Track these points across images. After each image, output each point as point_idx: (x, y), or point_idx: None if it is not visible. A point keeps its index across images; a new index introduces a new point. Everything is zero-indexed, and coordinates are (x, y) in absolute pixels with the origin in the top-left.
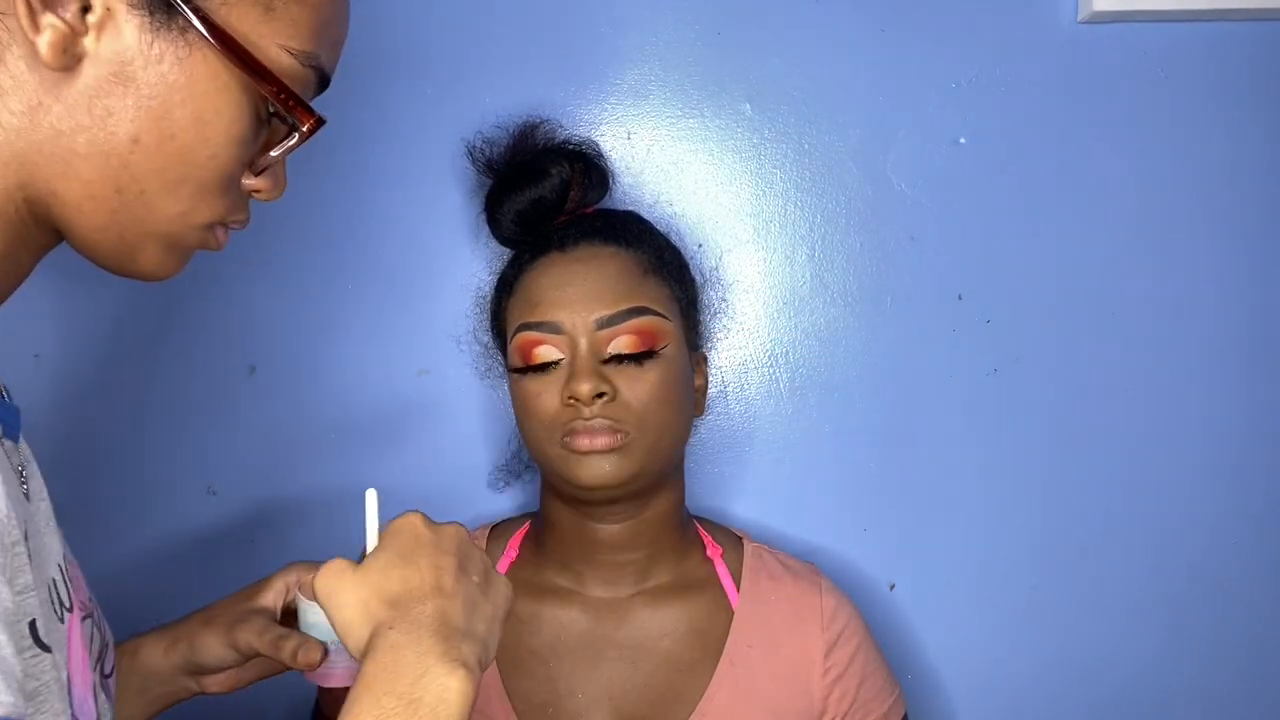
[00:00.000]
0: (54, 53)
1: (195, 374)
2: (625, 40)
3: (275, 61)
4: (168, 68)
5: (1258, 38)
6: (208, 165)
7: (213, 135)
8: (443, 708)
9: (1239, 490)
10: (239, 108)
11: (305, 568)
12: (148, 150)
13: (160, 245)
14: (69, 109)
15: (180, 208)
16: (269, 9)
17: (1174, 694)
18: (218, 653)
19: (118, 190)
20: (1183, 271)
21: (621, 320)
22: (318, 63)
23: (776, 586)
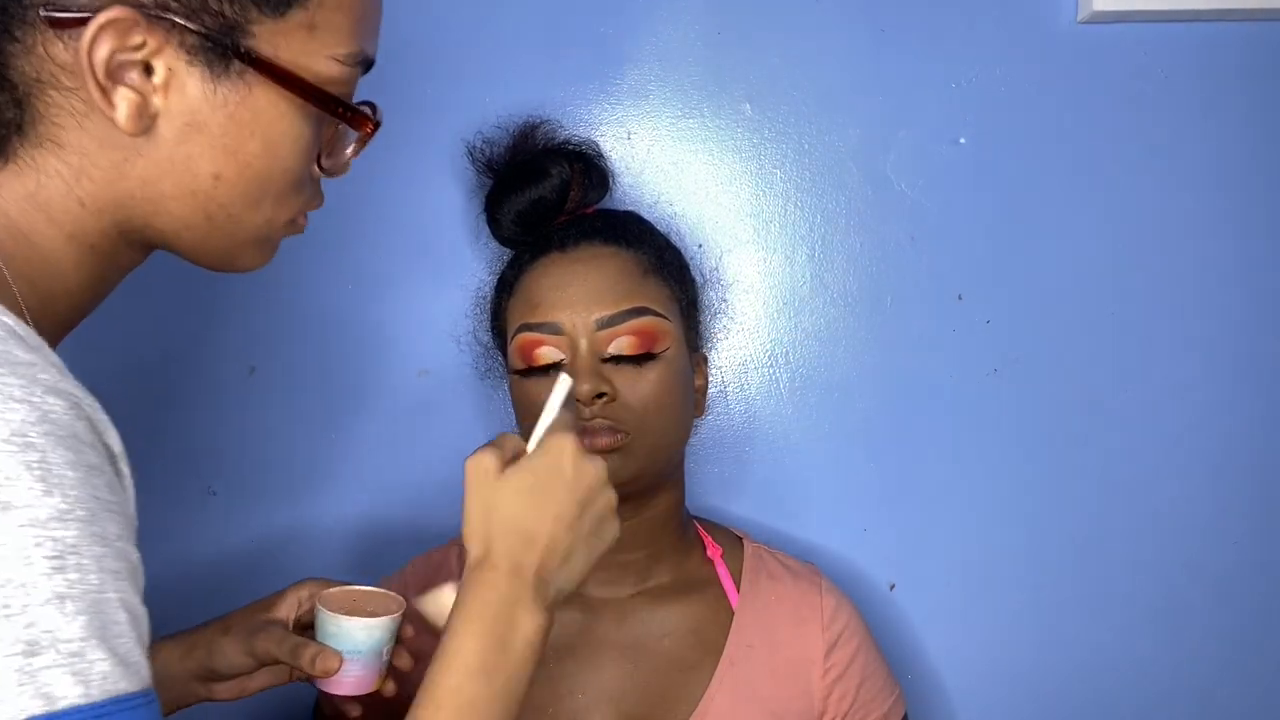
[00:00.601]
0: (131, 122)
1: (195, 374)
2: (625, 40)
3: (326, 73)
4: (233, 108)
5: (1257, 38)
6: (283, 178)
7: (284, 154)
8: (527, 650)
9: (1238, 490)
10: (302, 124)
11: (317, 583)
12: (229, 182)
13: (253, 247)
14: (152, 161)
15: (265, 216)
16: (312, 28)
17: (1173, 693)
18: (235, 659)
19: (208, 218)
20: (1182, 271)
21: (622, 321)
22: (363, 58)
23: (776, 587)
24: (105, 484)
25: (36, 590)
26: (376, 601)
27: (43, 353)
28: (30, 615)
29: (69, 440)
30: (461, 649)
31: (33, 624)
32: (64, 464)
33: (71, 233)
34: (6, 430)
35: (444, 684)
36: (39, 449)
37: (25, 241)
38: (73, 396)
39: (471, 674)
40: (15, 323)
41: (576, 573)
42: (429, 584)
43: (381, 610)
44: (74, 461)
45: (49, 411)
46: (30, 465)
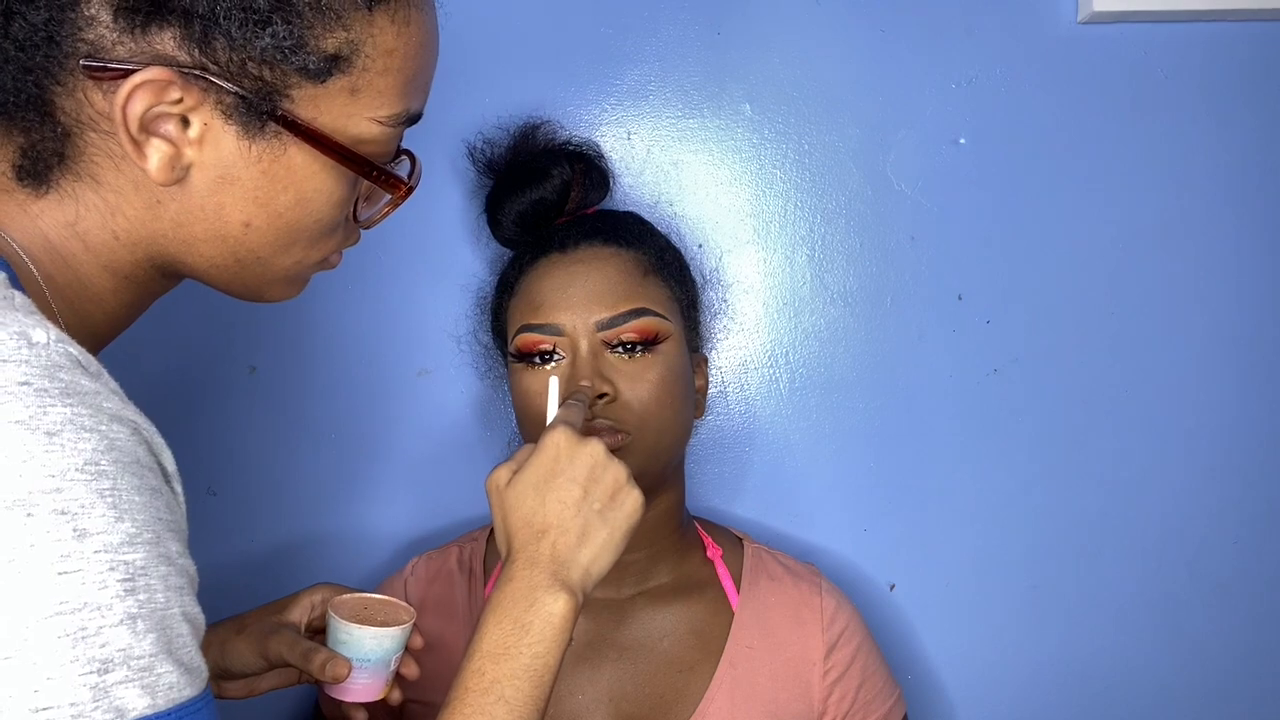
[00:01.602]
0: (162, 173)
1: (195, 374)
2: (625, 40)
3: (366, 133)
4: (267, 164)
5: (1257, 38)
6: (315, 228)
7: (315, 208)
8: (548, 629)
9: (1238, 490)
10: (336, 181)
11: (330, 588)
12: (260, 230)
13: (282, 284)
14: (184, 207)
15: (294, 259)
16: (354, 91)
17: (1173, 693)
18: (247, 660)
19: (237, 260)
20: (1182, 271)
21: (622, 322)
22: (408, 117)
23: (776, 587)
24: (165, 504)
25: (111, 612)
26: (387, 610)
27: (103, 379)
28: (105, 635)
29: (134, 466)
30: (483, 636)
31: (107, 644)
32: (131, 490)
33: (107, 263)
34: (80, 460)
35: (467, 669)
36: (110, 476)
37: (64, 266)
38: (133, 423)
39: (493, 656)
40: (79, 351)
41: (600, 548)
42: (430, 585)
43: (392, 619)
44: (139, 486)
45: (115, 439)
46: (103, 493)
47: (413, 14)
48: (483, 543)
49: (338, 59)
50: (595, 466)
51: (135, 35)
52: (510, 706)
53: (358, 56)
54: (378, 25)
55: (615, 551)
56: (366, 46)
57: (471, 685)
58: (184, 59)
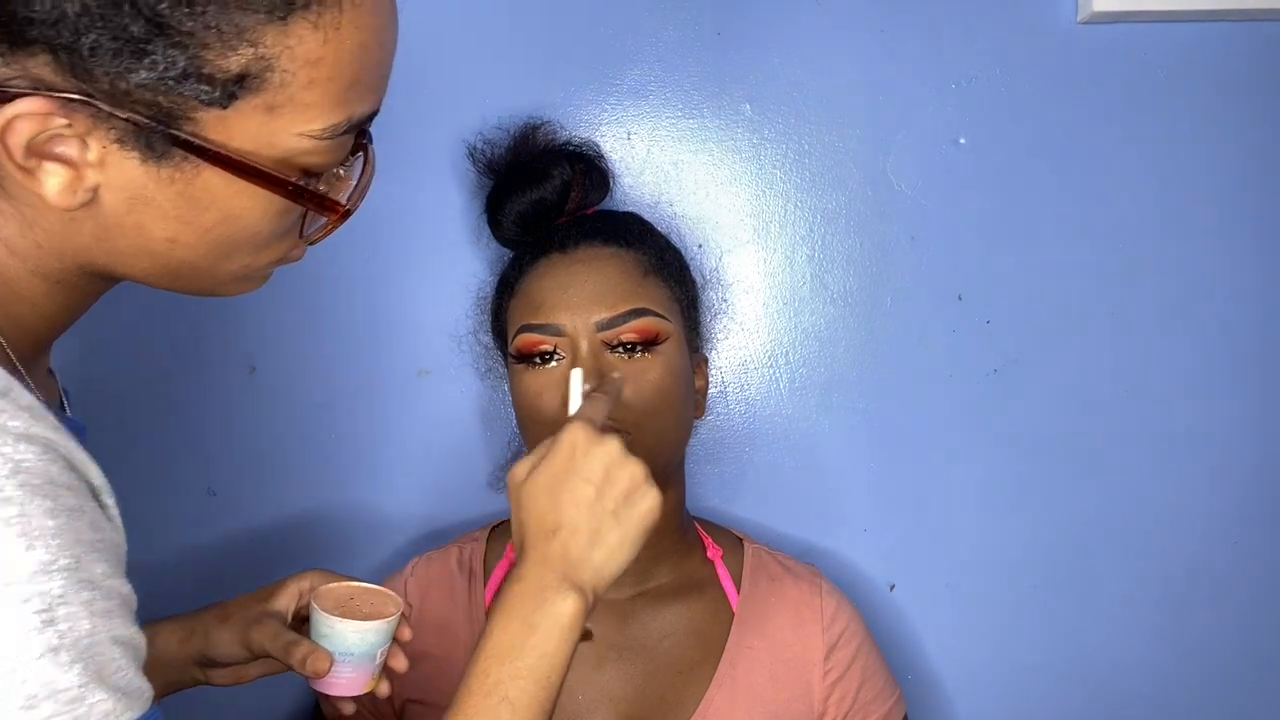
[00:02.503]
0: (63, 197)
1: (195, 374)
2: (625, 40)
3: (297, 148)
4: (182, 186)
5: (1257, 38)
6: (253, 240)
7: (248, 223)
8: (555, 629)
9: (1238, 490)
10: (266, 199)
11: (319, 575)
12: (189, 245)
13: (234, 284)
14: (101, 225)
15: (240, 264)
16: (272, 109)
17: (1173, 694)
18: (230, 649)
19: (171, 271)
20: (1182, 271)
21: (622, 322)
22: (347, 127)
23: (777, 588)
24: (88, 524)
25: (29, 647)
26: (374, 600)
27: (12, 395)
28: (24, 672)
29: (45, 488)
30: (490, 635)
31: (28, 680)
32: (43, 514)
33: (34, 268)
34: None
35: (474, 670)
36: (16, 502)
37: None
38: (45, 439)
39: (499, 656)
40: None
41: (614, 548)
42: (430, 585)
43: (378, 611)
44: (52, 509)
45: (21, 461)
46: (9, 521)
47: (345, 16)
48: (483, 543)
49: (245, 78)
50: (611, 465)
51: (8, 61)
52: (514, 707)
53: (272, 73)
54: (295, 35)
55: (630, 551)
56: (283, 60)
57: (475, 686)
58: (64, 85)
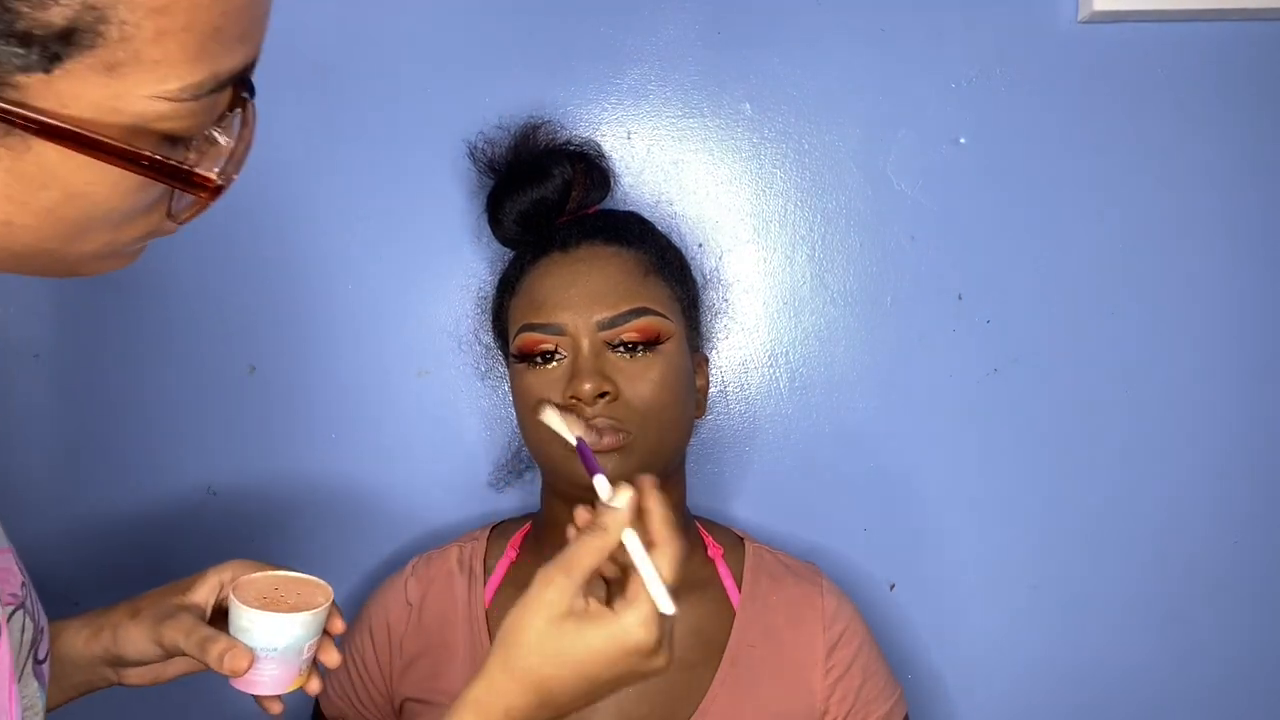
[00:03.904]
0: None
1: (195, 374)
2: (625, 40)
3: (152, 112)
4: (10, 163)
5: (1257, 38)
6: (107, 217)
7: (98, 200)
8: None
9: (1238, 490)
10: (117, 174)
11: (242, 565)
12: (29, 228)
13: (97, 262)
14: None
15: (99, 243)
16: (111, 68)
17: (1173, 694)
18: (141, 647)
19: (15, 255)
20: (1182, 271)
21: (623, 322)
22: (212, 86)
23: (777, 587)
24: None
25: None
26: (302, 590)
27: None
28: None
29: None
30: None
31: None
32: None
33: None
34: None
35: None
36: None
37: None
38: None
39: None
40: None
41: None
42: (430, 585)
43: (306, 602)
44: None
45: None
46: None
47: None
48: (483, 543)
49: (72, 34)
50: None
51: None
52: None
53: (107, 25)
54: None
55: None
56: (120, 10)
57: None
58: None
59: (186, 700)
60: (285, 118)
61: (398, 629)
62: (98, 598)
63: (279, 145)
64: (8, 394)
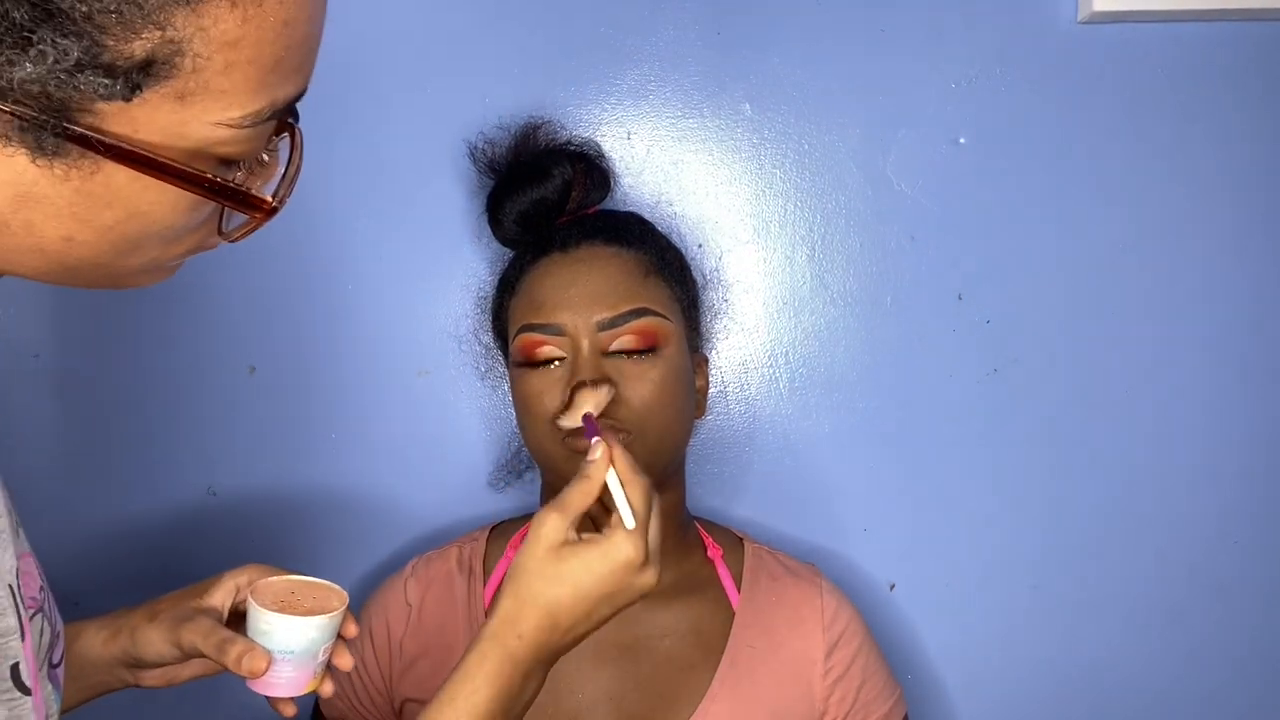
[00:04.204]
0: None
1: (195, 374)
2: (625, 40)
3: (213, 138)
4: (79, 183)
5: (1257, 38)
6: (161, 235)
7: (156, 219)
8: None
9: (1239, 490)
10: (177, 195)
11: (258, 569)
12: (87, 244)
13: (140, 276)
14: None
15: (147, 258)
16: (182, 97)
17: (1173, 694)
18: (159, 649)
19: (69, 269)
20: (1183, 271)
21: (623, 322)
22: (269, 113)
23: (777, 587)
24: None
25: None
26: (317, 595)
27: None
28: None
29: None
30: (475, 695)
31: None
32: None
33: None
34: None
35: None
36: None
37: None
38: None
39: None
40: None
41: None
42: (430, 585)
43: (321, 606)
44: None
45: None
46: None
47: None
48: (483, 543)
49: (151, 65)
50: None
51: None
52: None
53: (182, 58)
54: (210, 16)
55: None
56: (195, 43)
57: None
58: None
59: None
60: None
61: (397, 630)
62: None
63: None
64: (8, 394)
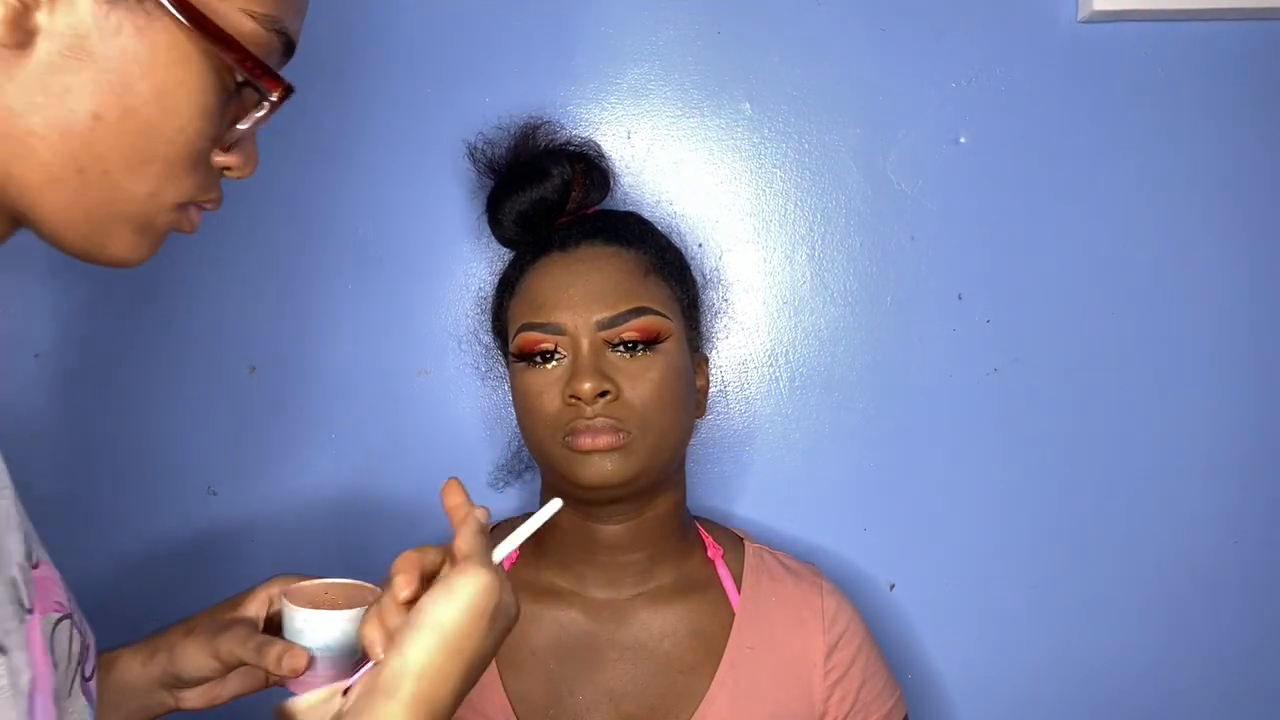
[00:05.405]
0: (6, 29)
1: (195, 374)
2: (625, 40)
3: (238, 27)
4: (126, 39)
5: (1257, 38)
6: (174, 140)
7: (178, 108)
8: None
9: (1239, 490)
10: (204, 78)
11: (288, 580)
12: (109, 126)
13: (130, 228)
14: (23, 88)
15: (148, 187)
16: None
17: (1174, 694)
18: (199, 662)
19: (79, 170)
20: (1183, 271)
21: (623, 321)
22: (282, 27)
23: (777, 587)
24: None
25: None
26: (350, 594)
27: None
28: None
29: None
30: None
31: None
32: None
33: None
34: None
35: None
36: None
37: None
38: None
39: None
40: None
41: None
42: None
43: (355, 603)
44: None
45: None
46: None
47: None
48: None
49: None
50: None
51: None
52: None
53: None
54: None
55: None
56: None
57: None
58: None
59: None
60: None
61: None
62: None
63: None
64: (8, 394)
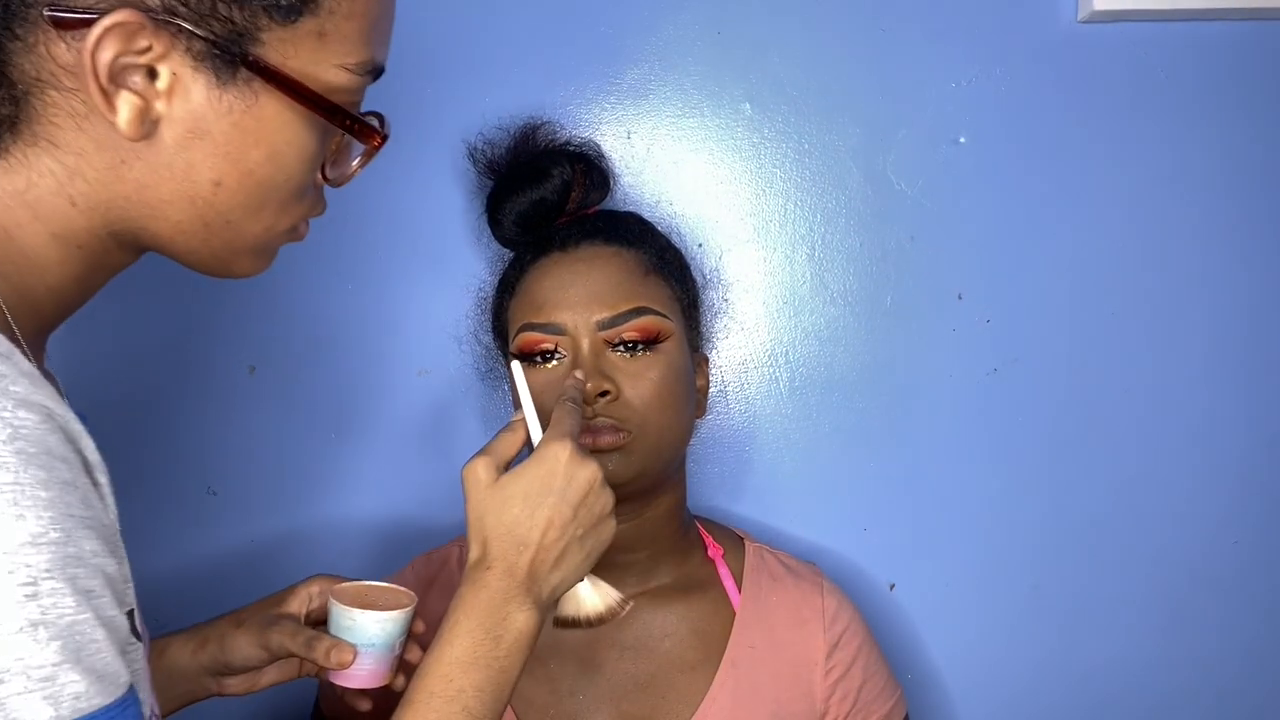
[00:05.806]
0: (132, 126)
1: (195, 374)
2: (625, 40)
3: (334, 82)
4: (238, 116)
5: (1257, 38)
6: (285, 186)
7: (287, 163)
8: (518, 644)
9: (1239, 490)
10: (308, 134)
11: (327, 580)
12: (230, 190)
13: (250, 254)
14: (151, 166)
15: (265, 225)
16: (322, 36)
17: (1174, 694)
18: (248, 652)
19: (205, 225)
20: (1182, 271)
21: (623, 321)
22: (373, 65)
23: (778, 587)
24: (80, 499)
25: (9, 619)
26: (387, 596)
27: (13, 360)
28: (1, 644)
29: (41, 458)
30: (455, 641)
31: (3, 653)
32: (36, 484)
33: (57, 231)
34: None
35: (436, 673)
36: (11, 469)
37: (4, 237)
38: (44, 408)
39: (463, 665)
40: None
41: (572, 571)
42: (431, 582)
43: (393, 605)
44: (46, 480)
45: (20, 427)
46: (1, 488)
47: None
48: None
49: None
50: (590, 492)
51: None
52: (473, 718)
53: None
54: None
55: (582, 576)
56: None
57: (437, 690)
58: (152, 2)
59: None
60: None
61: None
62: None
63: None
64: None
